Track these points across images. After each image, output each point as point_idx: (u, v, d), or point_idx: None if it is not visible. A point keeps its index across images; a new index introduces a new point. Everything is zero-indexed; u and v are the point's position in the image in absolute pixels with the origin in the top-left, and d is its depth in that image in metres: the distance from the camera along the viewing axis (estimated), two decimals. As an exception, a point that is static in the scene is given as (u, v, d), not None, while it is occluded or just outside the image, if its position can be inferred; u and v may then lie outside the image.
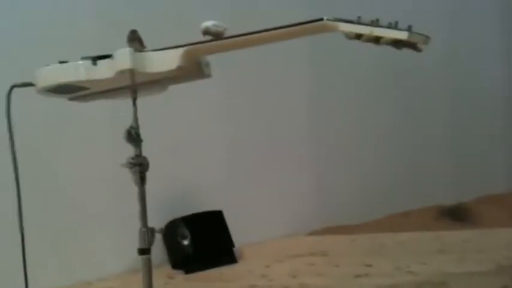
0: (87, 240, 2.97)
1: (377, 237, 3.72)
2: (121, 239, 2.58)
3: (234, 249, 3.30)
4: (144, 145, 1.76)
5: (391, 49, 1.39)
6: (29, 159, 1.98)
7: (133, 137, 1.71)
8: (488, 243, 3.42)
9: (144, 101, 1.81)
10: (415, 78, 4.40)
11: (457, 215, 4.17)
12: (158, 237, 1.80)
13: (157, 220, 2.96)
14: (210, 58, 1.68)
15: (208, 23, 1.50)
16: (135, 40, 1.58)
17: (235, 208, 3.39)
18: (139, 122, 1.75)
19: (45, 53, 2.17)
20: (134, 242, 1.75)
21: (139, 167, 1.71)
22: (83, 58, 1.54)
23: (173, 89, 1.80)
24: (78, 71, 1.54)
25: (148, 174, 1.76)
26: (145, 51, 1.55)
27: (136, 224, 1.74)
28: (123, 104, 1.78)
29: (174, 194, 3.26)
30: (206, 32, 1.50)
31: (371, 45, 1.40)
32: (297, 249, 3.45)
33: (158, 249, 3.09)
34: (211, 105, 3.45)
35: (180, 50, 1.51)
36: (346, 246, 3.57)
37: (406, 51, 1.40)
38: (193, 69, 1.61)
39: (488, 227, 3.84)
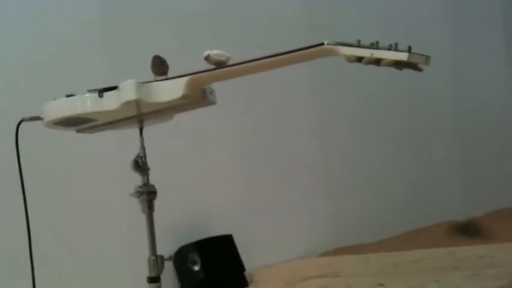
0: (98, 270, 2.97)
1: (389, 255, 3.68)
2: (133, 267, 2.57)
3: (245, 273, 3.29)
4: (152, 173, 1.78)
5: (395, 72, 1.40)
6: (38, 191, 2.00)
7: (141, 165, 1.74)
8: (501, 258, 3.37)
9: (152, 129, 1.84)
10: (422, 96, 4.42)
11: (469, 231, 4.13)
12: (168, 264, 1.81)
13: (168, 247, 3.00)
14: (218, 86, 1.70)
15: (209, 52, 1.53)
16: (159, 65, 1.61)
17: (245, 231, 3.39)
18: (147, 150, 1.78)
19: (52, 87, 2.20)
20: (145, 270, 1.76)
21: (147, 195, 1.73)
22: (89, 91, 1.56)
23: (182, 116, 1.82)
24: (85, 104, 1.56)
25: (158, 202, 1.78)
26: (150, 81, 1.58)
27: (148, 252, 1.75)
28: (131, 133, 1.81)
29: (185, 220, 3.26)
30: (207, 60, 1.52)
31: (374, 70, 1.41)
32: (309, 271, 3.42)
33: (169, 275, 3.09)
34: (220, 130, 3.47)
35: (184, 79, 1.53)
36: (359, 266, 3.54)
37: (410, 73, 1.41)
38: (198, 97, 1.63)
39: (501, 241, 3.80)
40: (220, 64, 1.53)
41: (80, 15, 3.01)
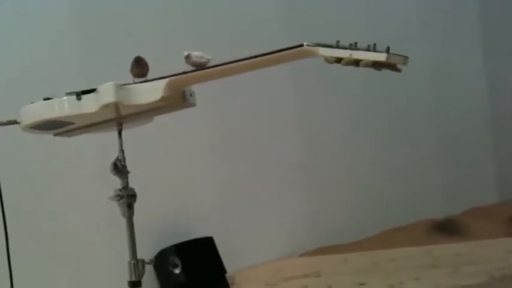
0: (79, 273, 2.94)
1: (369, 255, 3.70)
2: (114, 271, 2.55)
3: (226, 275, 3.28)
4: (132, 176, 1.76)
5: (378, 72, 1.41)
6: (17, 194, 1.97)
7: (120, 168, 1.72)
8: (480, 255, 3.42)
9: (131, 132, 1.83)
10: (404, 97, 4.46)
11: (447, 229, 4.18)
12: (149, 267, 1.80)
13: (149, 250, 2.98)
14: (199, 88, 1.69)
15: (189, 52, 1.52)
16: (139, 67, 1.59)
17: (226, 233, 3.38)
18: (127, 153, 1.76)
19: (29, 90, 2.17)
20: (126, 274, 1.75)
21: (127, 198, 1.72)
22: (67, 94, 1.55)
23: (161, 118, 1.81)
24: (63, 107, 1.55)
25: (138, 205, 1.77)
26: (129, 84, 1.57)
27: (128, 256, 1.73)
28: (111, 136, 1.79)
29: (165, 223, 3.24)
30: (187, 60, 1.52)
31: (358, 70, 1.42)
32: (290, 271, 3.43)
33: (150, 279, 3.07)
34: (200, 132, 3.46)
35: (164, 81, 1.52)
36: (339, 265, 3.55)
37: (392, 74, 1.42)
38: (177, 99, 1.62)
39: (479, 239, 3.85)
40: (200, 66, 1.53)
41: (56, 15, 2.97)
